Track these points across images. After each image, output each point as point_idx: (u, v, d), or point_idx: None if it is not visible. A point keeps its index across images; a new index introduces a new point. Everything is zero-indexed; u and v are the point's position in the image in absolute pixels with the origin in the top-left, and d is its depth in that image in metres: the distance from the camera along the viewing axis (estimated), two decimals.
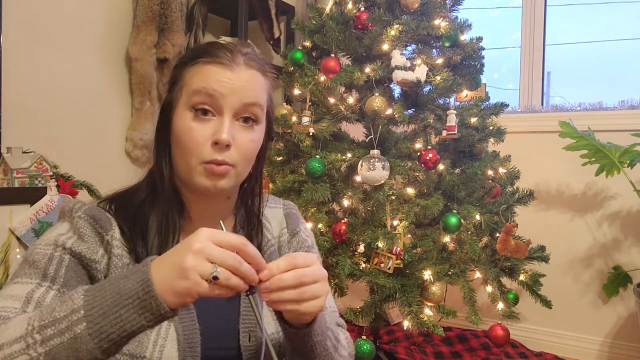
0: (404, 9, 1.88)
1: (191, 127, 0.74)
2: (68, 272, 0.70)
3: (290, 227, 0.94)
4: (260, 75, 0.78)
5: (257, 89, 0.77)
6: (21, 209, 1.48)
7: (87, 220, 0.75)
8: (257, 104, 0.77)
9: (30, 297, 0.67)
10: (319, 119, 1.90)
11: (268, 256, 0.88)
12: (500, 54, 2.87)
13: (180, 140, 0.75)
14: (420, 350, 2.19)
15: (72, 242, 0.72)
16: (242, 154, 0.76)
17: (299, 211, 1.00)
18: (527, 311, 2.36)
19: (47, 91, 1.76)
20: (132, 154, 2.03)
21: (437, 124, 1.86)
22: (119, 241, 0.75)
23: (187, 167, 0.75)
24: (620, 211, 2.25)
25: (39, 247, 0.72)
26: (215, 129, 0.74)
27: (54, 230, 0.75)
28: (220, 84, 0.73)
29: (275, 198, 0.99)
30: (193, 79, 0.75)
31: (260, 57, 0.79)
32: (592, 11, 2.85)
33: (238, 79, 0.74)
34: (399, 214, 1.74)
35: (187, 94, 0.75)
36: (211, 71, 0.74)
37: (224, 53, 0.75)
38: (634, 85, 2.44)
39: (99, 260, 0.73)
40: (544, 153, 2.39)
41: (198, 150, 0.74)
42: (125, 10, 2.02)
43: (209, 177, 0.75)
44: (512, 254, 1.82)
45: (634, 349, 2.20)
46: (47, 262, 0.70)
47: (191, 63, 0.76)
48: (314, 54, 2.08)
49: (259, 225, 0.88)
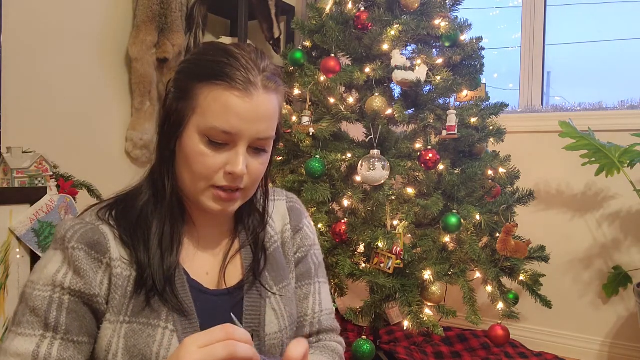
0: (404, 9, 1.87)
1: (204, 153, 0.72)
2: (69, 315, 0.71)
3: (293, 223, 0.92)
4: (275, 96, 0.75)
5: (273, 118, 0.75)
6: (21, 209, 1.48)
7: (82, 249, 0.72)
8: (271, 137, 0.76)
9: (37, 355, 0.68)
10: (319, 119, 1.90)
11: (271, 253, 0.87)
12: (500, 54, 2.87)
13: (190, 162, 0.73)
14: (420, 350, 2.19)
15: (69, 280, 0.71)
16: (253, 179, 0.76)
17: (302, 204, 0.97)
18: (527, 311, 2.36)
19: (47, 91, 1.76)
20: (132, 154, 2.03)
21: (437, 124, 1.86)
22: (118, 260, 0.74)
23: (195, 189, 0.75)
24: (620, 211, 2.25)
25: (38, 289, 0.71)
26: (230, 159, 0.72)
27: (49, 264, 0.73)
28: (238, 118, 0.70)
29: (278, 190, 0.96)
30: (209, 107, 0.71)
31: (275, 71, 0.76)
32: (592, 11, 2.85)
33: (257, 108, 0.71)
34: (399, 214, 1.74)
35: (202, 120, 0.72)
36: (229, 101, 0.70)
37: (241, 74, 0.71)
38: (634, 85, 2.44)
39: (98, 293, 0.72)
40: (544, 153, 2.39)
41: (210, 177, 0.73)
42: (125, 10, 2.02)
43: (217, 202, 0.75)
44: (512, 254, 1.82)
45: (634, 349, 2.20)
46: (48, 309, 0.70)
47: (205, 82, 0.72)
48: (314, 54, 2.08)
49: (263, 224, 0.87)
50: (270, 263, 0.86)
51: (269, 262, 0.86)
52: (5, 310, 1.43)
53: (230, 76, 0.71)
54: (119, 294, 0.73)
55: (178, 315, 0.74)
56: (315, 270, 0.93)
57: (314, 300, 0.90)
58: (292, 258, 0.90)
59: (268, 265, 0.85)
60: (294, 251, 0.91)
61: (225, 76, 0.71)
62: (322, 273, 0.95)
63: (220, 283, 0.82)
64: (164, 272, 0.74)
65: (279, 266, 0.87)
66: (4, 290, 1.43)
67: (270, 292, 0.83)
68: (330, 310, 0.92)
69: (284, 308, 0.84)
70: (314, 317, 0.89)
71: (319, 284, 0.93)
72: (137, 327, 0.72)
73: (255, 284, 0.83)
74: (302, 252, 0.91)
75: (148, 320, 0.73)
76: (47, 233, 1.51)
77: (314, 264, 0.93)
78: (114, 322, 0.72)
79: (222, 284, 0.82)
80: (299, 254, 0.91)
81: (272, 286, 0.84)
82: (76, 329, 0.71)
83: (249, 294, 0.82)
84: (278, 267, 0.87)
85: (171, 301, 0.74)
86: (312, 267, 0.92)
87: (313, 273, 0.92)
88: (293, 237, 0.91)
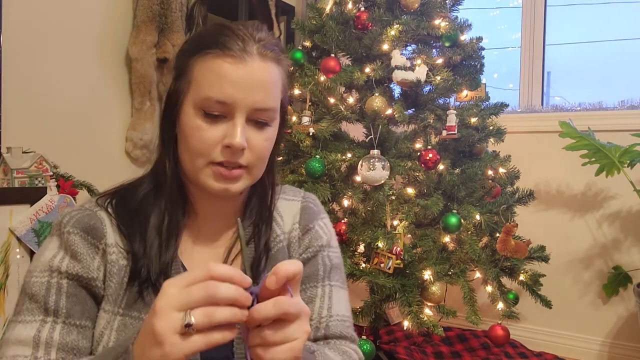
0: (404, 9, 1.88)
1: (200, 127, 0.69)
2: (69, 299, 0.69)
3: (303, 223, 0.86)
4: (274, 65, 0.71)
5: (271, 88, 0.71)
6: (21, 209, 1.48)
7: (77, 234, 0.71)
8: (271, 109, 0.71)
9: (38, 339, 0.66)
10: (319, 119, 1.90)
11: (274, 254, 0.83)
12: (500, 54, 2.87)
13: (188, 139, 0.70)
14: (420, 350, 2.19)
15: (66, 264, 0.70)
16: (256, 155, 0.72)
17: (319, 205, 0.90)
18: (527, 311, 2.36)
19: (47, 91, 1.76)
20: (132, 154, 2.03)
21: (437, 124, 1.86)
22: (114, 246, 0.73)
23: (194, 167, 0.71)
24: (620, 211, 2.25)
25: (35, 276, 0.70)
26: (227, 132, 0.69)
27: (45, 251, 0.72)
28: (232, 85, 0.67)
29: (295, 189, 0.91)
30: (203, 77, 0.69)
31: (273, 41, 0.72)
32: (592, 11, 2.85)
33: (251, 75, 0.68)
34: (399, 214, 1.74)
35: (197, 93, 0.69)
36: (222, 68, 0.67)
37: (235, 42, 0.68)
38: (634, 85, 2.44)
39: (96, 276, 0.71)
40: (544, 153, 2.39)
41: (207, 152, 0.69)
42: (125, 10, 2.02)
43: (219, 180, 0.71)
44: (512, 254, 1.82)
45: (634, 349, 2.20)
46: (46, 293, 0.68)
47: (199, 53, 0.70)
48: (314, 54, 2.08)
49: (269, 219, 0.82)
50: (271, 264, 0.81)
51: (270, 264, 0.81)
52: (5, 310, 1.43)
53: (223, 43, 0.68)
54: (114, 281, 0.71)
55: None
56: (325, 273, 0.86)
57: (321, 304, 0.84)
58: (296, 259, 0.87)
59: (268, 267, 0.81)
60: (300, 252, 0.86)
61: (218, 44, 0.68)
62: (336, 277, 0.88)
63: None
64: (160, 264, 0.72)
65: None
66: (4, 290, 1.43)
67: None
68: (343, 317, 0.84)
69: None
70: (320, 321, 0.83)
71: (330, 287, 0.86)
72: (129, 321, 0.71)
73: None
74: (310, 253, 0.86)
75: (140, 315, 0.71)
76: (47, 233, 1.51)
77: (323, 265, 0.87)
78: (109, 311, 0.71)
79: None
80: (305, 254, 0.86)
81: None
82: (78, 313, 0.69)
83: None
84: None
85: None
86: (321, 268, 0.86)
87: (321, 275, 0.86)
88: (301, 237, 0.86)
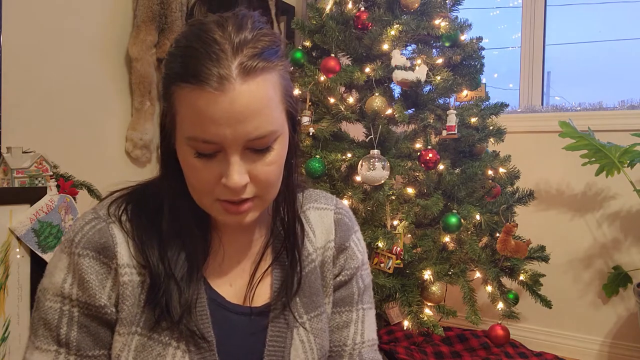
0: (404, 8, 1.88)
1: (195, 166, 0.62)
2: (81, 330, 0.67)
3: (338, 240, 0.79)
4: (265, 77, 0.60)
5: (262, 110, 0.59)
6: (21, 209, 1.48)
7: (89, 255, 0.66)
8: (267, 135, 0.61)
9: None
10: (319, 119, 1.90)
11: (306, 274, 0.75)
12: (500, 54, 2.87)
13: (188, 177, 0.64)
14: (420, 350, 2.19)
15: (75, 291, 0.67)
16: (262, 185, 0.64)
17: (352, 216, 0.83)
18: (527, 311, 2.36)
19: (47, 91, 1.76)
20: (132, 154, 2.03)
21: (437, 124, 1.86)
22: (126, 266, 0.68)
23: (202, 204, 0.66)
24: (620, 211, 2.25)
25: (49, 299, 0.68)
26: (223, 169, 0.61)
27: (56, 271, 0.68)
28: (216, 123, 0.57)
29: (326, 195, 0.82)
30: (185, 114, 0.60)
31: (262, 43, 0.60)
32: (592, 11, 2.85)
33: (235, 105, 0.57)
34: (399, 214, 1.74)
35: (182, 130, 0.61)
36: (200, 104, 0.57)
37: (209, 70, 0.57)
38: (634, 85, 2.44)
39: (105, 303, 0.67)
40: (544, 153, 2.39)
41: (209, 190, 0.63)
42: (125, 10, 2.02)
43: (229, 215, 0.65)
44: (512, 254, 1.82)
45: (634, 349, 2.20)
46: (58, 323, 0.67)
47: (175, 83, 0.60)
48: (314, 53, 2.08)
49: (294, 238, 0.74)
50: (303, 287, 0.75)
51: (302, 286, 0.75)
52: (5, 310, 1.43)
53: (196, 74, 0.57)
54: (128, 304, 0.67)
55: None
56: (359, 296, 0.81)
57: (355, 330, 0.80)
58: (330, 281, 0.79)
59: (300, 290, 0.74)
60: (335, 273, 0.79)
61: (190, 76, 0.58)
62: (367, 298, 0.83)
63: (245, 299, 0.73)
64: (182, 302, 0.66)
65: (313, 290, 0.76)
66: (4, 290, 1.43)
67: (298, 322, 0.73)
68: (373, 342, 0.81)
69: (314, 340, 0.74)
70: (354, 348, 0.79)
71: (363, 311, 0.81)
72: (148, 343, 0.67)
73: (284, 311, 0.73)
74: (345, 276, 0.79)
75: (159, 337, 0.67)
76: (47, 233, 1.51)
77: (357, 288, 0.81)
78: (124, 334, 0.67)
79: (247, 300, 0.73)
80: (341, 277, 0.79)
81: (302, 314, 0.74)
82: (89, 344, 0.68)
83: (275, 322, 0.72)
84: (311, 291, 0.76)
85: (187, 323, 0.67)
86: (356, 292, 0.81)
87: (356, 299, 0.81)
88: (336, 256, 0.79)
